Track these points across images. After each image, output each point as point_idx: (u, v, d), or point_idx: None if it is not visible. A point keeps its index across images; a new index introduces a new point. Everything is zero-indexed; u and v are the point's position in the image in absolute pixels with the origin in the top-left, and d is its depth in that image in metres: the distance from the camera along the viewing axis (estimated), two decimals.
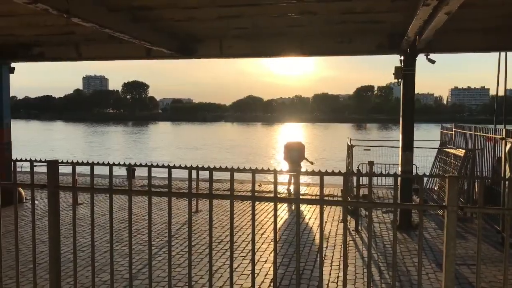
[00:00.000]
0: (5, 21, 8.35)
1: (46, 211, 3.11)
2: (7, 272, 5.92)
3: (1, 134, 11.56)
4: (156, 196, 3.01)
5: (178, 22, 8.35)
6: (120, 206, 10.25)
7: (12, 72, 11.72)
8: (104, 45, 10.53)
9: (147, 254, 7.27)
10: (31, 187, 3.08)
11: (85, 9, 6.46)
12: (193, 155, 38.26)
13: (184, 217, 10.02)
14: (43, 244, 7.51)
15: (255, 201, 2.78)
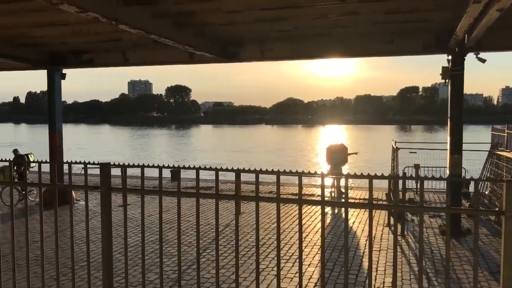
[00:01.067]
0: (58, 30, 8.77)
1: (95, 211, 3.24)
2: (60, 269, 6.15)
3: (54, 137, 12.13)
4: (204, 198, 3.04)
5: (221, 26, 8.45)
6: (165, 208, 10.46)
7: (63, 78, 12.28)
8: (149, 51, 10.84)
9: (191, 255, 7.43)
10: (85, 188, 3.20)
11: (132, 16, 6.67)
12: (239, 158, 38.52)
13: (227, 218, 10.10)
14: (92, 243, 7.77)
15: (302, 204, 2.76)
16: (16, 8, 7.27)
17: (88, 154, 38.34)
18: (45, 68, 12.02)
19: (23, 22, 8.26)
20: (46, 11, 7.40)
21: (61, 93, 12.43)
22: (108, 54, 11.29)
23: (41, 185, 3.31)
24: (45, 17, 7.81)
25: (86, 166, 3.20)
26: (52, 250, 7.02)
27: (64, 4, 5.40)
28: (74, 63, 11.76)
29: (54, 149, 12.13)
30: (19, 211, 10.03)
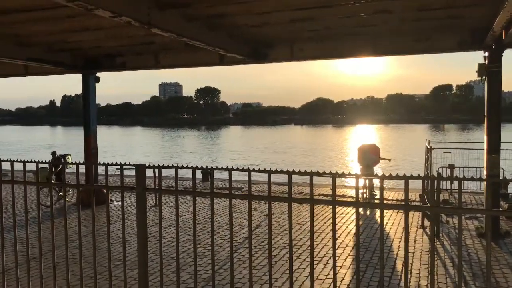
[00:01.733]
0: (93, 35, 9.00)
1: (128, 211, 3.32)
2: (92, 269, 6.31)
3: (89, 139, 12.47)
4: (236, 198, 3.06)
5: (252, 28, 8.48)
6: (198, 208, 10.57)
7: (97, 81, 12.61)
8: (180, 53, 11.00)
9: (223, 255, 7.48)
10: (121, 189, 3.28)
11: (164, 20, 6.78)
12: (271, 159, 38.49)
13: (257, 219, 10.12)
14: (125, 243, 7.96)
15: (336, 206, 2.74)
16: (53, 15, 7.50)
17: (122, 156, 39.22)
18: (80, 72, 12.37)
19: (59, 28, 8.53)
20: (81, 17, 7.62)
21: (95, 96, 12.77)
22: (141, 57, 11.52)
23: (79, 186, 3.41)
24: (80, 22, 8.03)
25: (122, 167, 3.28)
26: (88, 250, 7.22)
27: (99, 9, 5.55)
28: (108, 67, 12.05)
29: (89, 151, 12.46)
30: (56, 211, 10.36)
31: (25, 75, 13.23)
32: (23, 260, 5.94)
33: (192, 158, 41.21)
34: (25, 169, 3.58)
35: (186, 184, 14.75)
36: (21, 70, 12.72)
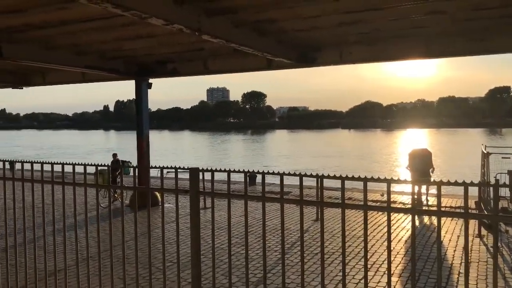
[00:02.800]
0: (146, 42, 9.33)
1: (179, 214, 3.41)
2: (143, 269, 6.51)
3: (141, 143, 12.91)
4: (288, 203, 3.07)
5: (299, 32, 8.47)
6: (244, 211, 10.67)
7: (149, 87, 13.05)
8: (228, 59, 11.17)
9: (271, 259, 7.49)
10: (175, 192, 3.38)
11: (214, 26, 6.92)
12: (322, 163, 38.14)
13: (305, 224, 10.06)
14: (169, 245, 8.17)
15: (391, 212, 2.68)
16: (109, 24, 7.84)
17: (172, 159, 40.27)
18: (133, 78, 12.85)
19: (114, 37, 8.90)
20: (135, 25, 7.91)
21: (148, 102, 13.22)
22: (190, 63, 11.80)
23: (136, 188, 3.55)
24: (134, 31, 8.35)
25: (176, 170, 3.38)
26: (141, 251, 7.46)
27: (152, 18, 5.75)
28: (159, 73, 12.44)
29: (141, 154, 12.90)
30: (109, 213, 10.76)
31: (83, 82, 13.92)
32: (81, 258, 6.23)
33: (242, 162, 41.55)
34: (85, 172, 3.78)
35: (234, 187, 14.89)
36: (79, 77, 13.39)
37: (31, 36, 8.69)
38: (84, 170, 3.76)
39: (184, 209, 10.91)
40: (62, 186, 3.84)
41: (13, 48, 8.99)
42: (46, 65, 10.54)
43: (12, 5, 6.41)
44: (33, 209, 4.12)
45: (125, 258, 3.83)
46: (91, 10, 6.72)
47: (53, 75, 14.11)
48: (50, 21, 7.29)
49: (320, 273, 6.76)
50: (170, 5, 6.00)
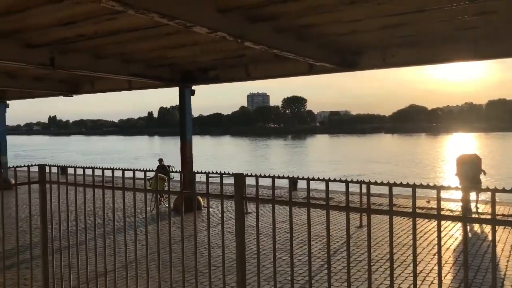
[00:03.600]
0: (190, 50, 9.55)
1: (220, 218, 3.46)
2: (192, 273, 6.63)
3: (185, 149, 13.18)
4: (334, 210, 3.05)
5: (341, 36, 8.40)
6: (285, 217, 10.63)
7: (193, 94, 13.32)
8: (269, 65, 11.21)
9: (314, 265, 7.42)
10: (220, 197, 3.43)
11: (256, 33, 6.98)
12: (375, 169, 37.42)
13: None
14: (219, 248, 8.24)
15: (441, 220, 2.60)
16: (154, 33, 8.08)
17: (215, 164, 40.78)
18: (177, 85, 13.15)
19: (159, 45, 9.16)
20: (179, 34, 8.11)
21: (191, 108, 13.49)
22: (232, 70, 11.95)
23: (182, 193, 3.63)
24: (178, 39, 8.56)
25: (221, 176, 3.43)
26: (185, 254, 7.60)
27: (197, 26, 5.87)
28: (202, 80, 12.67)
29: (185, 159, 13.17)
30: (154, 216, 11.05)
31: (129, 90, 14.38)
32: (131, 260, 6.42)
33: (283, 167, 41.40)
34: (134, 177, 3.91)
35: (277, 193, 14.85)
36: (125, 85, 13.86)
37: (81, 46, 9.10)
38: (133, 175, 3.89)
39: (225, 214, 11.01)
40: (112, 191, 3.99)
41: (65, 58, 9.43)
42: (95, 74, 10.97)
43: (65, 18, 6.73)
44: (84, 212, 4.30)
45: (171, 261, 3.91)
46: (138, 20, 6.96)
47: (101, 83, 14.69)
48: (100, 31, 7.59)
49: (364, 280, 6.65)
50: (214, 13, 6.11)
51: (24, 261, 5.91)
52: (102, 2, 4.76)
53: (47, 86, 14.76)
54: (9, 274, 4.88)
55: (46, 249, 4.61)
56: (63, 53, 9.33)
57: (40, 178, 4.46)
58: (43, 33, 7.80)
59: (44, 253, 4.64)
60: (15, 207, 4.41)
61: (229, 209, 12.43)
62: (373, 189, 5.67)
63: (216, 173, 3.51)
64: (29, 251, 4.97)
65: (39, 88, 14.81)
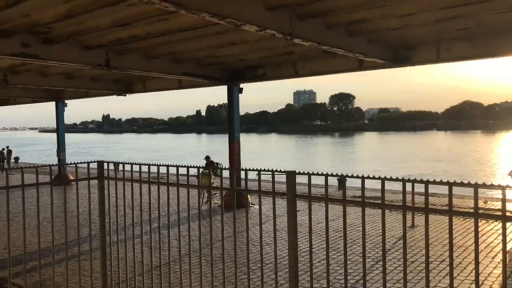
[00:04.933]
0: (239, 48, 9.63)
1: (268, 215, 3.48)
2: (240, 268, 6.69)
3: (233, 146, 13.32)
4: (390, 209, 2.97)
5: (393, 31, 8.17)
6: (334, 216, 10.51)
7: (241, 92, 13.42)
8: (317, 61, 11.10)
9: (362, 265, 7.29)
10: (272, 194, 3.44)
11: (305, 29, 6.93)
12: (438, 168, 36.10)
13: (400, 231, 9.65)
14: (267, 246, 8.29)
15: (478, 218, 2.46)
16: (204, 33, 8.22)
17: (263, 162, 40.92)
18: (226, 83, 13.30)
19: (209, 44, 9.30)
20: (229, 33, 8.21)
21: (239, 106, 13.60)
22: (280, 67, 11.93)
23: (234, 190, 3.67)
24: (227, 38, 8.66)
25: (273, 173, 3.44)
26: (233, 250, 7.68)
27: (247, 24, 5.91)
28: (250, 78, 12.74)
29: (233, 157, 13.31)
30: (204, 212, 11.27)
31: (179, 89, 14.72)
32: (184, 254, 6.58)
33: (333, 165, 40.75)
34: (188, 174, 4.00)
35: (322, 191, 14.69)
36: (176, 84, 14.20)
37: (134, 47, 9.41)
38: (187, 172, 3.98)
39: (270, 211, 11.00)
40: (167, 187, 4.11)
41: (119, 58, 9.80)
42: (147, 73, 11.31)
43: (119, 20, 6.98)
44: (140, 207, 4.45)
45: (224, 255, 3.97)
46: (189, 20, 7.11)
47: (152, 83, 15.14)
48: (152, 32, 7.82)
49: (416, 282, 6.45)
50: (263, 11, 6.13)
51: (82, 252, 6.20)
52: (155, 3, 4.90)
53: (102, 86, 15.40)
54: (69, 265, 5.13)
55: (104, 242, 4.81)
56: (118, 54, 9.69)
57: (99, 174, 4.67)
58: (99, 35, 8.14)
59: (102, 246, 4.85)
60: (76, 201, 4.64)
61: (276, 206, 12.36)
62: (418, 187, 5.43)
63: (267, 170, 3.52)
64: (86, 244, 5.21)
65: (94, 88, 15.48)
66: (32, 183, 4.09)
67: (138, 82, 15.65)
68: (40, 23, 6.98)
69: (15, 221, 9.45)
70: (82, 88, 15.41)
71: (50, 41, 8.24)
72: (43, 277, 6.07)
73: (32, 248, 8.25)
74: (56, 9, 6.47)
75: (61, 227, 5.43)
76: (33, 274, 6.90)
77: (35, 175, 4.16)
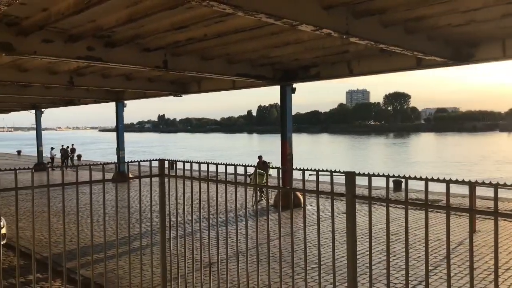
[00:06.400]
0: (292, 48, 9.62)
1: (321, 216, 3.44)
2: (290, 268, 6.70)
3: (285, 146, 13.33)
4: (456, 211, 2.87)
5: (455, 28, 7.84)
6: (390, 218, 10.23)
7: (293, 92, 13.40)
8: (373, 60, 10.87)
9: (421, 270, 7.06)
10: (330, 195, 3.42)
11: (361, 28, 6.81)
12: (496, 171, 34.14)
13: (460, 236, 9.25)
14: (314, 248, 8.23)
15: None
16: (259, 34, 8.29)
17: (314, 162, 40.40)
18: (278, 84, 13.33)
19: (263, 45, 9.37)
20: (283, 33, 8.23)
21: (292, 106, 13.59)
22: (334, 67, 11.80)
23: (291, 190, 3.69)
24: (282, 38, 8.68)
25: (332, 174, 3.41)
26: (286, 250, 7.70)
27: (303, 24, 5.91)
28: (303, 78, 12.69)
29: (285, 157, 13.32)
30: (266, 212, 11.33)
31: (233, 89, 14.93)
32: (231, 253, 6.69)
33: (388, 166, 39.51)
34: (246, 173, 4.07)
35: (377, 193, 14.37)
36: (229, 84, 14.41)
37: (191, 49, 9.66)
38: (244, 171, 4.05)
39: (325, 212, 10.93)
40: (225, 185, 4.19)
41: (176, 60, 10.10)
42: (202, 74, 11.56)
43: (178, 22, 7.20)
44: (199, 205, 4.57)
45: (281, 254, 3.99)
46: (244, 21, 7.21)
47: (207, 83, 15.46)
48: (209, 34, 7.99)
49: None
50: (319, 10, 6.10)
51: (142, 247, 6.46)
52: (214, 6, 5.01)
53: (159, 86, 15.93)
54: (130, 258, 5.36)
55: (164, 237, 4.98)
56: (175, 56, 9.99)
57: (160, 171, 4.84)
58: (158, 37, 8.43)
59: (162, 241, 5.02)
60: (139, 197, 4.83)
61: (327, 207, 12.32)
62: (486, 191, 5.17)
63: (326, 170, 3.50)
64: (144, 239, 5.40)
65: (152, 89, 16.04)
66: (98, 180, 4.31)
67: (193, 83, 16.04)
68: (104, 27, 7.33)
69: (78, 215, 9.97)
70: (140, 89, 16.02)
71: (112, 44, 8.64)
72: (106, 269, 6.37)
73: (95, 241, 8.68)
74: (119, 14, 6.78)
75: (120, 222, 5.68)
76: (95, 266, 7.26)
77: (91, 172, 4.37)
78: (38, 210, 11.67)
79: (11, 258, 8.50)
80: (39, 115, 27.92)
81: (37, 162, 27.51)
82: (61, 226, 10.29)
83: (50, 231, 4.29)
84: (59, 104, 24.37)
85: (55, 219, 11.02)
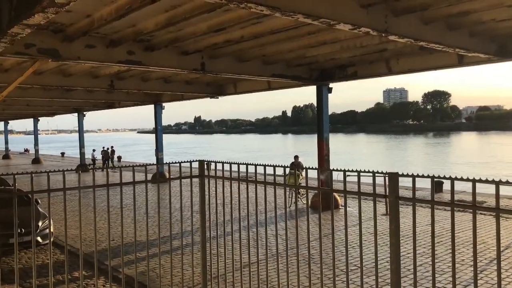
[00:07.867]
0: (329, 48, 9.54)
1: (357, 217, 3.41)
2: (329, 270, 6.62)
3: (322, 146, 13.22)
4: (504, 213, 2.76)
5: (500, 22, 7.56)
6: (428, 221, 9.96)
7: (330, 92, 13.27)
8: (412, 58, 10.61)
9: (465, 273, 6.84)
10: (373, 196, 3.37)
11: (401, 26, 6.66)
12: None
13: (507, 239, 8.89)
14: (352, 249, 8.11)
15: None
16: (295, 34, 8.26)
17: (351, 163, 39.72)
18: (315, 84, 13.24)
19: (299, 45, 9.32)
20: (320, 32, 8.17)
21: (328, 106, 13.46)
22: (371, 66, 11.59)
23: (332, 191, 3.66)
24: (318, 37, 8.62)
25: (374, 175, 3.37)
26: (324, 251, 7.62)
27: (340, 23, 5.84)
28: (340, 77, 12.54)
29: (322, 157, 13.22)
30: (306, 213, 11.28)
31: (268, 90, 14.95)
32: (270, 254, 6.69)
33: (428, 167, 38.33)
34: (285, 174, 4.07)
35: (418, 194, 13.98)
36: (265, 85, 14.44)
37: (227, 51, 9.75)
38: (283, 172, 4.05)
39: (365, 214, 10.72)
40: (264, 186, 4.21)
41: (213, 62, 10.22)
42: (238, 76, 11.64)
43: (215, 25, 7.29)
44: (239, 204, 4.61)
45: (322, 255, 3.97)
46: (281, 22, 7.22)
47: (243, 85, 15.55)
48: (245, 35, 8.04)
49: None
50: (357, 9, 6.01)
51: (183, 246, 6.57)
52: (251, 8, 5.03)
53: (196, 89, 16.16)
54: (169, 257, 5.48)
55: (205, 236, 5.06)
56: (212, 58, 10.11)
57: (200, 172, 4.92)
58: (196, 40, 8.56)
59: (202, 240, 5.10)
60: (180, 198, 4.93)
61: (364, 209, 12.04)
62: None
63: (368, 171, 3.45)
64: (186, 238, 5.48)
65: (189, 91, 16.30)
66: (141, 180, 4.42)
67: (229, 85, 16.17)
68: (144, 31, 7.52)
69: (119, 214, 10.26)
70: (178, 91, 16.31)
71: (151, 48, 8.84)
72: (146, 268, 6.52)
73: (136, 240, 8.90)
74: (158, 18, 6.93)
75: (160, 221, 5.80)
76: (137, 264, 7.45)
77: (134, 173, 4.48)
78: (81, 209, 12.08)
79: (58, 255, 8.84)
80: (81, 118, 28.92)
81: (80, 164, 28.50)
82: (103, 225, 10.63)
83: (96, 231, 4.44)
84: (100, 107, 25.17)
85: (97, 219, 11.38)
